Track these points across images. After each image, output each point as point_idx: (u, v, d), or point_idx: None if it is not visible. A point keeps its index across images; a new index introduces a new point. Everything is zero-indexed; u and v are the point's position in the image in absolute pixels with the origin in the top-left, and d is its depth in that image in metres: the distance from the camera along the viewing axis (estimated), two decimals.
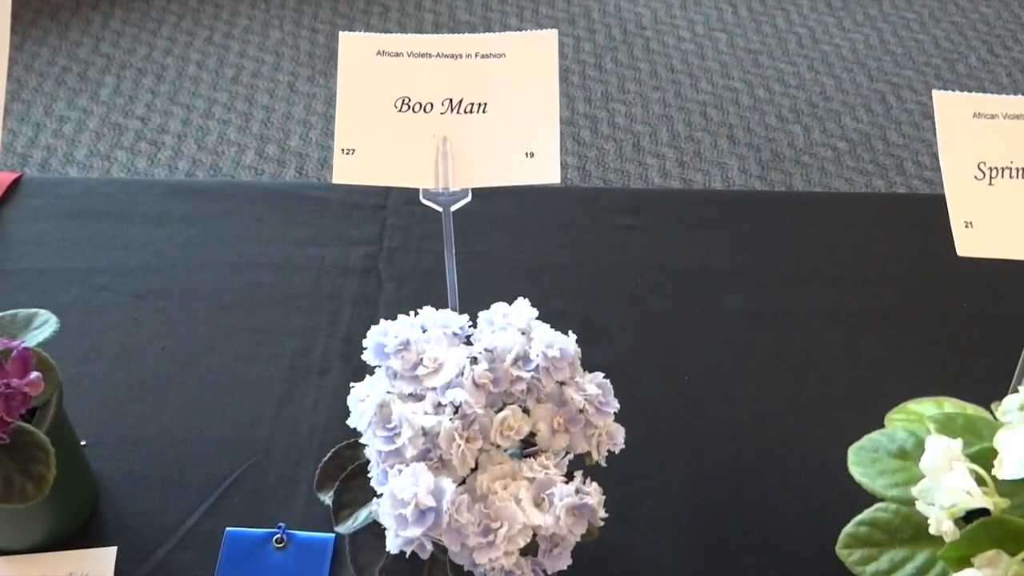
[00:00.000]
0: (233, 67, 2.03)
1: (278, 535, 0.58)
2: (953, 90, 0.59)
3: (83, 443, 0.61)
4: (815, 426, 0.64)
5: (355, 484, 0.51)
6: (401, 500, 0.42)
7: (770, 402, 0.66)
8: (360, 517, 0.50)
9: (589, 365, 0.50)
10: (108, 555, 0.57)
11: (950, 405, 0.54)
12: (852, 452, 0.52)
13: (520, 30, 2.17)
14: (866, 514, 0.49)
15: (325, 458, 0.53)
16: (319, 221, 0.76)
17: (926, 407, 0.54)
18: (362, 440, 0.47)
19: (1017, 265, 0.49)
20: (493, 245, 0.75)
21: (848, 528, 0.48)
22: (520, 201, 0.80)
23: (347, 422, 0.48)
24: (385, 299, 0.71)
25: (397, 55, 0.52)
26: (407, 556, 0.47)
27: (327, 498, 0.52)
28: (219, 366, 0.67)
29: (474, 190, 0.52)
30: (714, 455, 0.63)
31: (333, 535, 0.58)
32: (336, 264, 0.73)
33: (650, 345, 0.69)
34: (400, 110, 0.49)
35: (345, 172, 0.48)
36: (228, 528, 0.58)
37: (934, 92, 0.46)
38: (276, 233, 0.76)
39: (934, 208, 0.53)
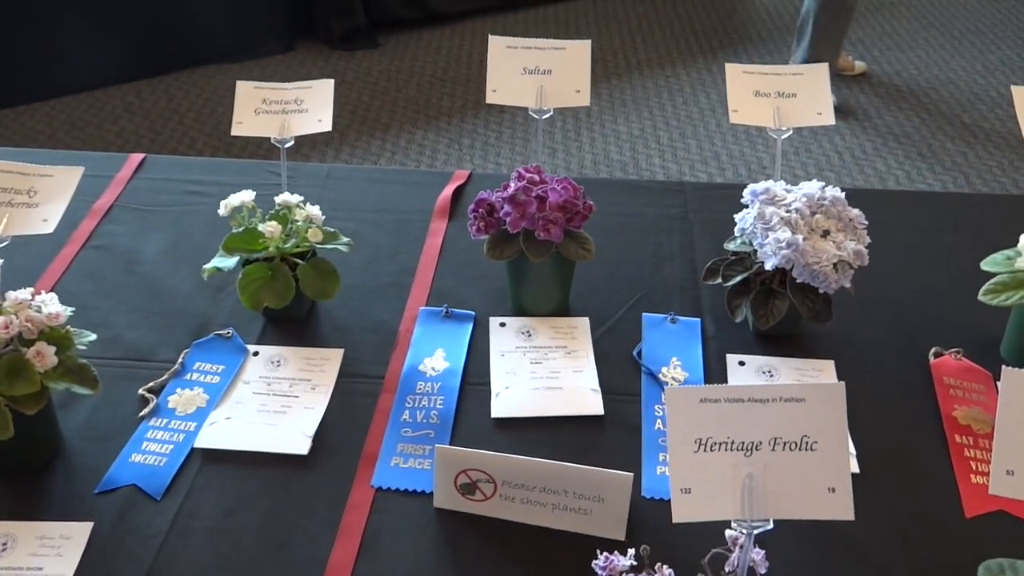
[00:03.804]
0: None
1: (670, 317, 1.10)
2: None
3: None
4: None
5: (728, 268, 1.03)
6: (777, 239, 0.94)
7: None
8: (731, 281, 1.01)
9: None
10: (584, 322, 1.09)
11: None
12: (983, 263, 1.02)
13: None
14: (994, 280, 0.98)
15: (707, 265, 1.06)
16: (655, 198, 1.33)
17: None
18: (740, 233, 1.00)
19: None
20: None
21: (985, 286, 0.98)
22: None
23: (725, 245, 1.02)
24: (692, 222, 1.27)
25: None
26: (757, 288, 0.99)
27: (712, 282, 1.04)
28: (616, 257, 1.21)
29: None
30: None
31: (699, 319, 1.09)
32: (665, 215, 1.29)
33: None
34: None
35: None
36: (644, 313, 1.10)
37: None
38: (627, 207, 1.33)
39: None
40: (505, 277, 1.13)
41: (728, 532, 0.69)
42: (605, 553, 0.71)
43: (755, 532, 0.62)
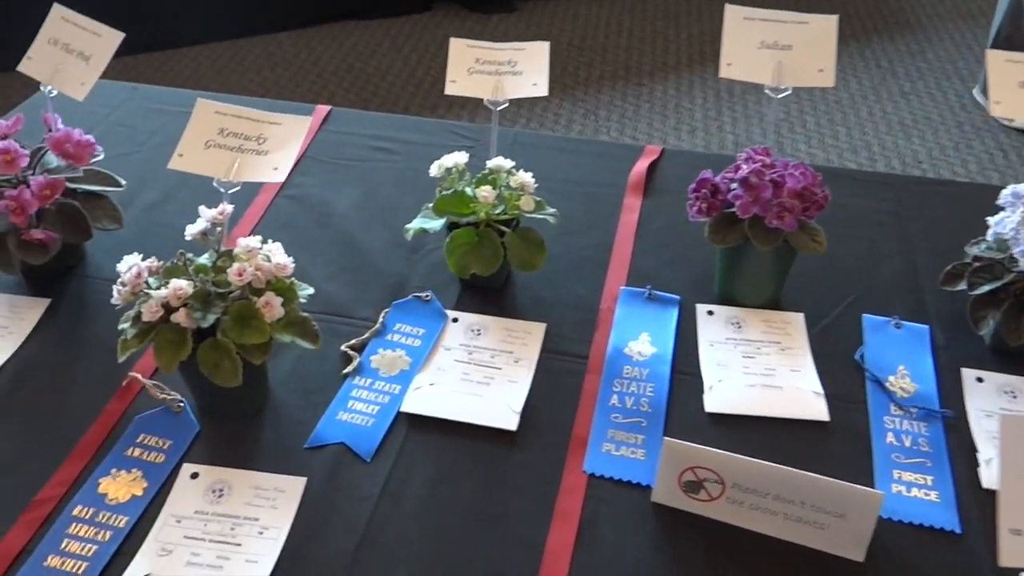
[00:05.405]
0: None
1: (895, 321, 1.02)
2: None
3: None
4: None
5: (974, 274, 0.94)
6: None
7: None
8: (979, 289, 0.93)
9: None
10: (799, 317, 1.02)
11: None
12: None
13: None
14: None
15: (946, 269, 0.97)
16: (861, 189, 1.24)
17: None
18: (993, 237, 0.91)
19: None
20: None
21: None
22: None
23: (966, 249, 0.92)
24: (906, 219, 1.17)
25: None
26: (1011, 300, 0.89)
27: (953, 288, 0.95)
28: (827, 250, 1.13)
29: None
30: None
31: (928, 326, 1.01)
32: (876, 208, 1.20)
33: None
34: None
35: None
36: (864, 314, 1.02)
37: None
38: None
39: None
40: (713, 261, 1.06)
41: None
42: None
43: None
